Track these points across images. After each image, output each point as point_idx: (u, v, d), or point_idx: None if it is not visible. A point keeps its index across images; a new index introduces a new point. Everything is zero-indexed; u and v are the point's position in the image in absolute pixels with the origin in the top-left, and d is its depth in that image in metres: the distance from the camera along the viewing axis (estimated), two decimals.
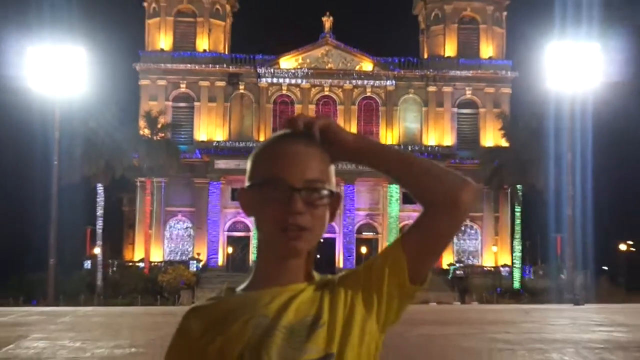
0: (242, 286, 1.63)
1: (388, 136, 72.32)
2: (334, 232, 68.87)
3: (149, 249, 64.40)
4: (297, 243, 1.51)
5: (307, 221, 1.50)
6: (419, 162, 1.60)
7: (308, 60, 73.11)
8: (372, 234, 69.99)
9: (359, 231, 69.13)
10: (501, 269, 64.72)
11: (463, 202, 1.54)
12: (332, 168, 1.59)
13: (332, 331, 1.52)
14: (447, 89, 73.16)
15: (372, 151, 1.61)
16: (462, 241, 69.97)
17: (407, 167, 1.60)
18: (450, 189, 1.55)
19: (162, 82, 72.07)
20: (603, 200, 57.19)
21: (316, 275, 1.65)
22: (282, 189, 1.50)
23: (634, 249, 76.62)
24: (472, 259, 68.59)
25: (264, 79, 72.51)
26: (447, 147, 71.03)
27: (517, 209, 61.61)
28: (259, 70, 72.24)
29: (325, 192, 1.53)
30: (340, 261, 67.33)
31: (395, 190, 68.02)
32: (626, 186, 75.70)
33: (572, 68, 51.97)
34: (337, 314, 1.54)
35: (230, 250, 68.54)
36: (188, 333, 1.55)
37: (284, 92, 72.96)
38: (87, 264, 63.01)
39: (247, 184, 1.58)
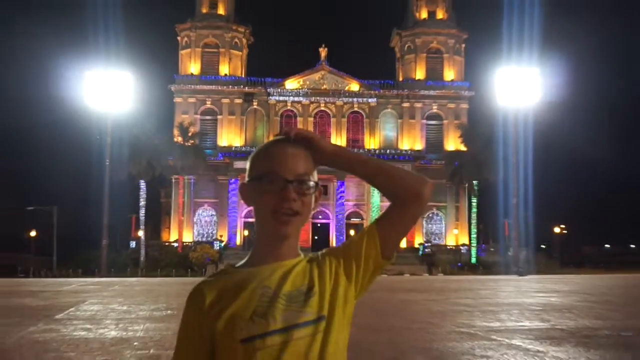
0: (241, 263, 1.63)
1: (371, 142, 72.40)
2: (329, 219, 68.95)
3: (181, 232, 64.61)
4: (288, 227, 1.55)
5: (298, 206, 1.54)
6: (385, 167, 1.65)
7: (307, 82, 73.24)
8: (358, 219, 70.05)
9: (348, 217, 69.22)
10: (461, 247, 64.88)
11: (424, 196, 1.63)
12: (315, 167, 1.63)
13: (322, 298, 1.54)
14: (417, 105, 73.26)
15: (347, 157, 1.67)
16: (429, 225, 70.13)
17: (375, 170, 1.66)
18: (413, 186, 1.62)
19: (192, 100, 72.22)
20: (541, 192, 57.35)
21: (301, 253, 1.64)
22: (278, 181, 1.53)
23: (565, 231, 76.84)
24: (437, 239, 68.72)
25: (273, 97, 72.59)
26: (418, 151, 71.08)
27: (474, 199, 61.73)
28: (268, 90, 72.37)
29: (311, 183, 1.58)
30: (333, 241, 67.44)
31: None
32: (559, 180, 75.85)
33: (517, 88, 51.99)
34: (325, 284, 1.56)
35: (246, 232, 68.63)
36: (201, 302, 1.52)
37: (288, 107, 73.04)
38: (132, 244, 63.05)
39: (247, 179, 1.61)
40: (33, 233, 62.08)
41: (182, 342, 1.57)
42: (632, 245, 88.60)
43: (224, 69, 73.58)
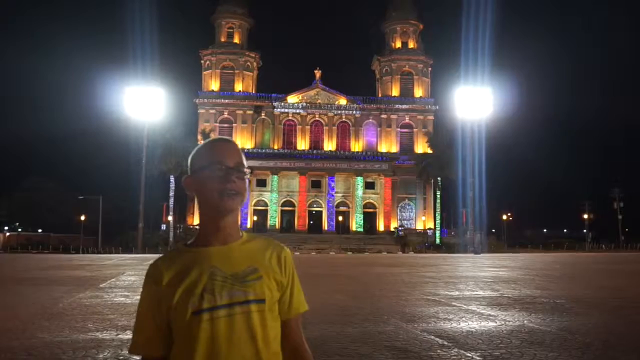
0: (191, 241, 1.54)
1: (356, 146, 72.35)
2: (321, 207, 68.79)
3: None
4: (233, 202, 1.48)
5: (237, 187, 1.48)
6: None
7: (305, 97, 73.08)
8: (345, 208, 69.88)
9: (337, 206, 68.98)
10: (428, 231, 64.84)
11: None
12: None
13: (264, 283, 1.46)
14: (393, 116, 73.15)
15: None
16: (403, 213, 70.14)
17: None
18: None
19: (212, 111, 72.02)
20: (492, 186, 57.32)
21: (244, 233, 1.57)
22: (222, 168, 1.48)
23: (511, 218, 77.05)
24: (409, 224, 68.63)
25: (277, 109, 72.37)
26: (394, 153, 71.01)
27: (438, 192, 61.68)
28: (274, 103, 72.19)
29: (246, 170, 1.52)
30: (325, 226, 67.45)
31: (360, 181, 68.19)
32: (507, 177, 76.00)
33: (473, 103, 52.09)
34: (268, 274, 1.49)
35: (255, 218, 68.43)
36: (159, 279, 1.45)
37: (290, 117, 72.81)
38: (163, 227, 62.71)
39: (189, 173, 1.53)
40: (83, 217, 61.69)
41: (142, 315, 1.48)
42: (565, 230, 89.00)
43: (238, 86, 73.42)
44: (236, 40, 75.06)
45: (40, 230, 69.14)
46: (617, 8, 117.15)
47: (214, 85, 73.16)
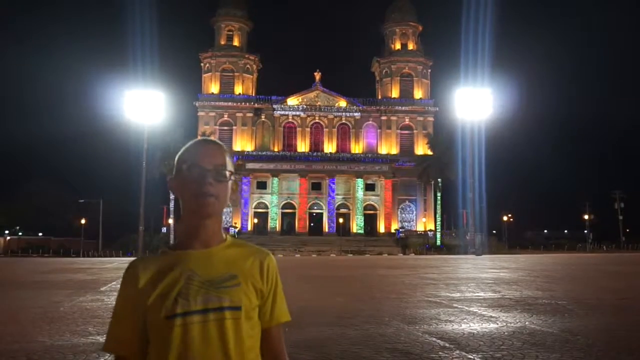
0: (172, 245, 1.50)
1: (356, 148, 72.35)
2: (322, 209, 68.81)
3: None
4: (208, 207, 1.42)
5: (215, 190, 1.42)
6: None
7: (305, 100, 73.06)
8: (346, 210, 69.78)
9: (338, 208, 68.87)
10: (428, 232, 64.73)
11: None
12: (231, 159, 1.51)
13: (241, 290, 1.42)
14: (393, 118, 73.11)
15: None
16: (403, 214, 70.08)
17: None
18: None
19: (212, 114, 71.98)
20: (492, 188, 57.31)
21: (228, 237, 1.53)
22: (197, 169, 1.43)
23: (511, 219, 77.02)
24: (410, 225, 68.55)
25: (277, 112, 72.36)
26: (394, 155, 70.96)
27: (438, 194, 61.64)
28: (274, 106, 72.18)
29: (226, 172, 1.46)
30: (326, 227, 67.36)
31: (360, 183, 68.20)
32: (507, 178, 76.03)
33: (473, 104, 52.06)
34: (247, 281, 1.45)
35: (255, 220, 68.34)
36: (136, 280, 1.41)
37: (290, 120, 72.77)
38: (164, 230, 62.72)
39: (175, 170, 1.49)
40: (83, 221, 61.70)
41: (117, 315, 1.44)
42: (566, 231, 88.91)
43: (238, 89, 73.38)
44: (236, 43, 75.11)
45: (40, 234, 69.20)
46: (617, 8, 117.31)
47: (214, 88, 73.19)
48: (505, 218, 74.64)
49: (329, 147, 71.87)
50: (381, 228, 68.42)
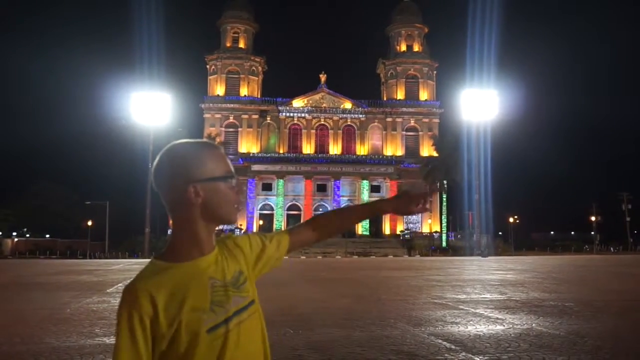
0: (163, 257, 1.38)
1: (361, 150, 72.37)
2: (327, 211, 68.73)
3: None
4: (237, 213, 1.45)
5: None
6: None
7: (310, 102, 73.16)
8: None
9: None
10: (434, 234, 64.65)
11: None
12: None
13: (251, 283, 1.44)
14: (398, 120, 73.12)
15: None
16: (409, 216, 70.01)
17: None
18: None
19: (218, 115, 72.21)
20: (498, 189, 57.21)
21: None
22: (236, 179, 1.42)
23: (518, 221, 76.78)
24: (415, 227, 68.50)
25: (283, 114, 72.48)
26: (399, 156, 70.93)
27: (444, 195, 61.57)
28: (279, 108, 72.31)
29: None
30: None
31: (365, 184, 68.14)
32: (513, 179, 75.75)
33: (479, 105, 51.98)
34: (249, 270, 1.46)
35: (261, 222, 68.47)
36: (151, 303, 1.26)
37: (295, 122, 72.89)
38: (170, 231, 62.89)
39: (202, 179, 1.35)
40: (90, 223, 61.94)
41: (125, 350, 1.26)
42: (572, 232, 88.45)
43: (243, 91, 73.61)
44: (242, 45, 75.35)
45: (48, 236, 69.53)
46: (624, 8, 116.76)
47: (220, 90, 73.39)
48: (511, 219, 74.41)
49: (334, 149, 71.86)
50: (386, 229, 68.32)
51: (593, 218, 68.84)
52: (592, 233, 69.00)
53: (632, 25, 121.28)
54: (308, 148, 71.74)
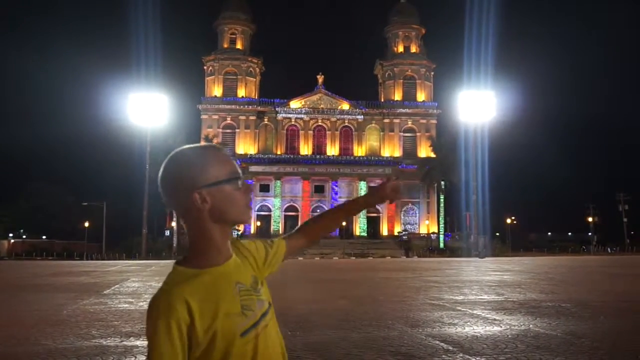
0: (185, 261, 1.39)
1: (359, 151, 72.38)
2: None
3: None
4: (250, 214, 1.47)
5: None
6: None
7: (308, 103, 73.20)
8: None
9: None
10: (431, 235, 64.72)
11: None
12: None
13: (265, 286, 1.46)
14: (396, 121, 73.21)
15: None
16: (406, 217, 70.01)
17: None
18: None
19: (215, 117, 72.17)
20: (495, 190, 57.35)
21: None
22: (242, 180, 1.41)
23: (515, 222, 76.93)
24: (413, 228, 68.57)
25: (280, 115, 72.51)
26: (397, 157, 71.00)
27: (441, 196, 61.64)
28: (277, 109, 72.34)
29: None
30: None
31: (363, 185, 68.11)
32: (510, 180, 75.87)
33: (476, 107, 52.04)
34: (262, 274, 1.49)
35: (258, 223, 68.45)
36: (186, 310, 1.26)
37: (292, 123, 72.92)
38: (167, 233, 62.82)
39: (208, 183, 1.34)
40: (86, 224, 61.84)
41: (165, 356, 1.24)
42: (570, 233, 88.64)
43: (241, 92, 73.59)
44: (239, 46, 75.34)
45: (44, 237, 69.36)
46: (620, 8, 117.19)
47: (217, 91, 73.36)
48: (508, 220, 74.57)
49: (332, 150, 71.89)
50: (384, 231, 68.34)
51: (590, 219, 69.03)
52: (590, 234, 69.17)
53: (630, 26, 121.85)
54: (305, 149, 71.74)
